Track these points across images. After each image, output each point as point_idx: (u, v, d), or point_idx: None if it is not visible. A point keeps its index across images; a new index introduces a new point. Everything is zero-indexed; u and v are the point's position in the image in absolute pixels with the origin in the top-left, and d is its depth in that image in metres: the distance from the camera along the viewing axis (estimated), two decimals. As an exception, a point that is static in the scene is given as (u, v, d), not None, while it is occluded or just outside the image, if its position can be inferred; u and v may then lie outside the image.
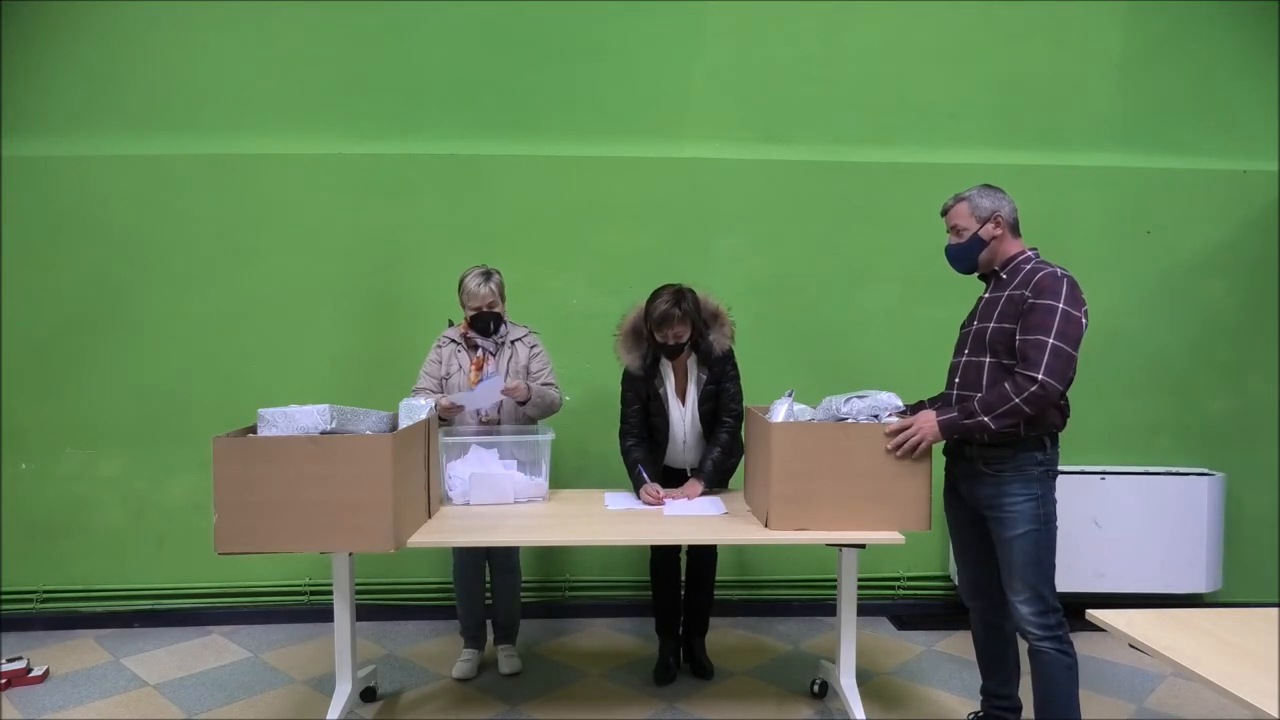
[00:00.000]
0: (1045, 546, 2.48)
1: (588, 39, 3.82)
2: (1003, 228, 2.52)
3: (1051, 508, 2.50)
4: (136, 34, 3.71)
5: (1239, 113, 3.94)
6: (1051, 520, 2.49)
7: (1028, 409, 2.34)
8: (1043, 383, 2.30)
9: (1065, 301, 2.33)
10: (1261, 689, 1.63)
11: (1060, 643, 2.43)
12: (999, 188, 2.56)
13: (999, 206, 2.52)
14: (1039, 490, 2.46)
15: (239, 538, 2.47)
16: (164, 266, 3.79)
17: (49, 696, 3.19)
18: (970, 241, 2.56)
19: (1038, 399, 2.32)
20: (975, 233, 2.54)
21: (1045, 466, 2.47)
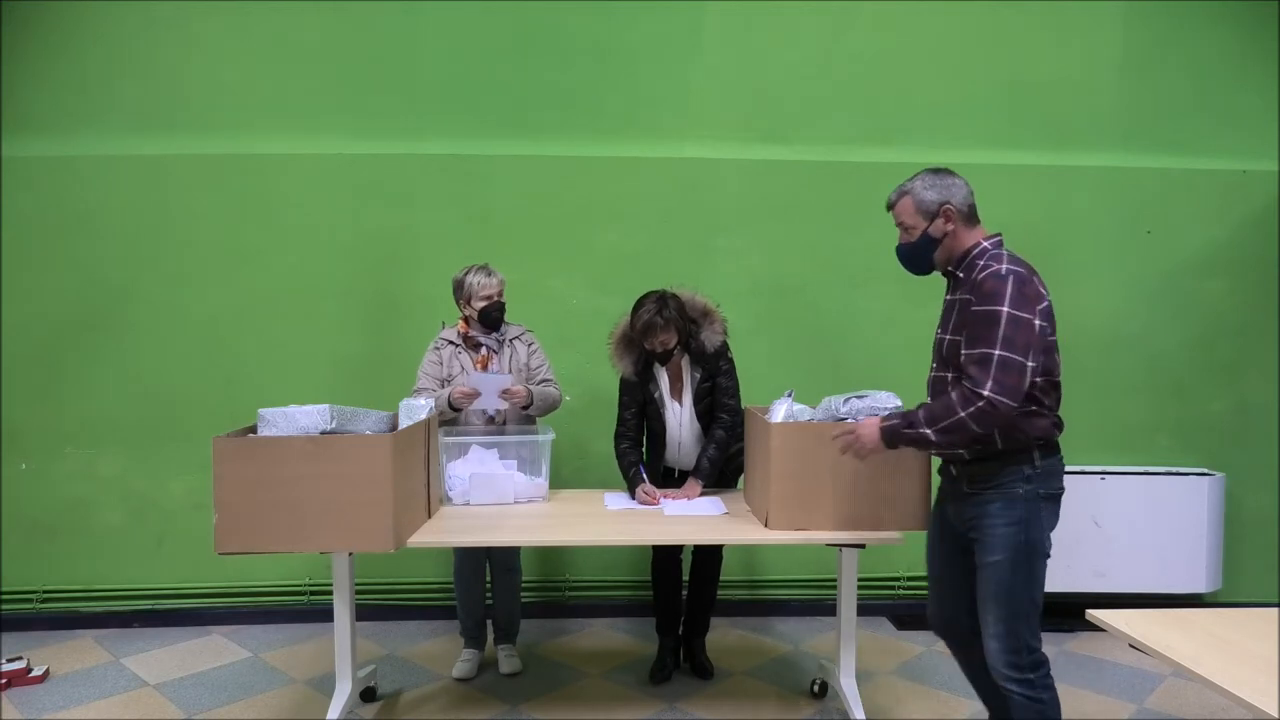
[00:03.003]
0: (1023, 578, 2.14)
1: (588, 39, 3.82)
2: (955, 220, 2.20)
3: (1037, 536, 2.15)
4: (136, 34, 3.71)
5: (1239, 113, 3.94)
6: (1035, 551, 2.15)
7: (975, 427, 2.06)
8: (990, 400, 2.02)
9: (1010, 304, 2.04)
10: (1261, 689, 1.63)
11: (1031, 688, 2.13)
12: (948, 170, 2.27)
13: (948, 196, 2.20)
14: (1022, 513, 2.14)
15: (239, 538, 2.47)
16: (164, 266, 3.79)
17: (49, 696, 3.19)
18: (920, 241, 2.26)
19: (985, 416, 2.05)
20: (925, 230, 2.24)
21: (1034, 485, 2.16)
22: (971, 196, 2.24)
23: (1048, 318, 2.13)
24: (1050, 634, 3.72)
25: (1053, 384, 2.20)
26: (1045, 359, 2.14)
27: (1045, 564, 2.18)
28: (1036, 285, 2.12)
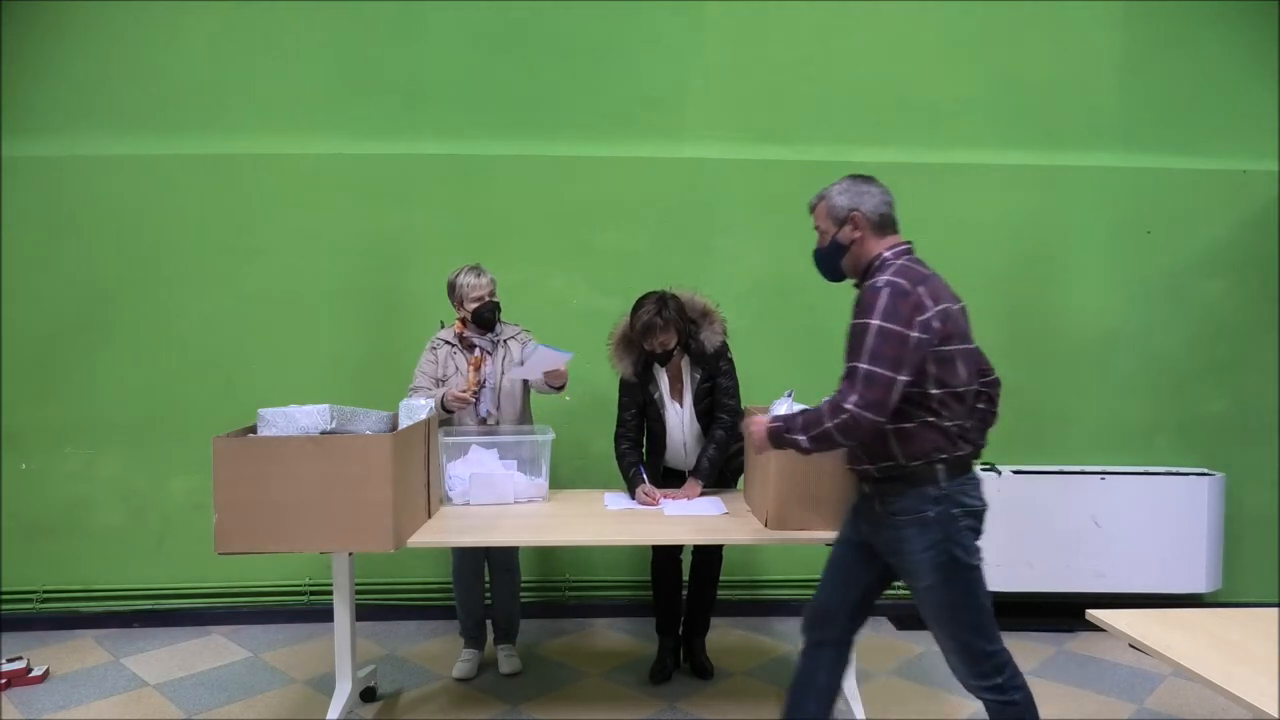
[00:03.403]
0: (959, 593, 2.13)
1: (588, 39, 3.82)
2: (862, 228, 2.17)
3: (958, 552, 2.10)
4: (136, 34, 3.71)
5: (1239, 113, 3.94)
6: (961, 565, 2.10)
7: (840, 437, 2.04)
8: (853, 414, 1.99)
9: (881, 316, 1.99)
10: (1261, 689, 1.63)
11: (1001, 692, 2.14)
12: (868, 179, 2.24)
13: (858, 203, 2.17)
14: (938, 535, 2.08)
15: (239, 538, 2.48)
16: (164, 266, 3.79)
17: (49, 696, 3.19)
18: (830, 246, 2.23)
19: (848, 429, 2.01)
20: (834, 236, 2.21)
21: (944, 506, 2.09)
22: (886, 206, 2.21)
23: (929, 329, 2.03)
24: (1050, 634, 3.76)
25: (955, 396, 2.10)
26: (939, 370, 2.06)
27: (978, 574, 2.14)
28: (918, 297, 2.03)
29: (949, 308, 2.09)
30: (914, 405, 2.07)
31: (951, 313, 2.09)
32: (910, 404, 2.07)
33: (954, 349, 2.09)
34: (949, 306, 2.09)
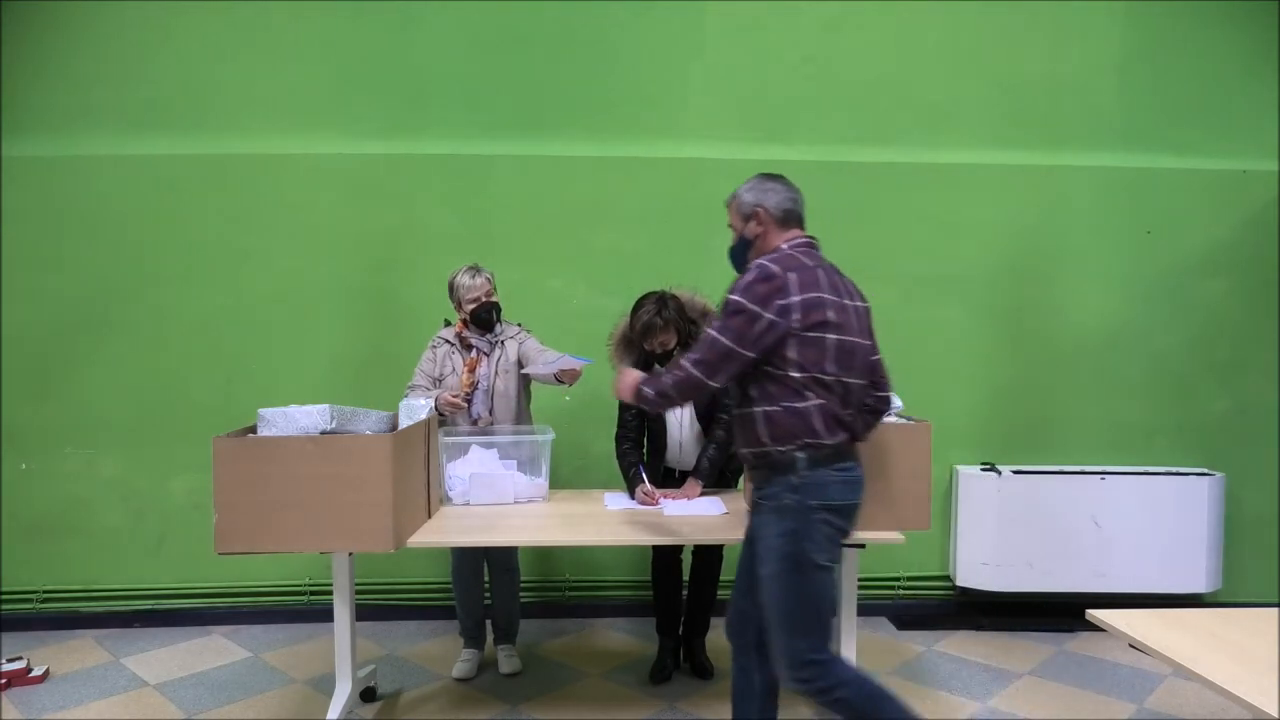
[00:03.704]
0: (797, 593, 2.12)
1: (588, 39, 3.82)
2: (766, 223, 2.25)
3: (808, 548, 2.10)
4: (136, 34, 3.71)
5: (1239, 113, 3.94)
6: (805, 563, 2.10)
7: (673, 391, 2.21)
8: (686, 371, 2.15)
9: (740, 292, 2.10)
10: (1261, 689, 1.63)
11: (823, 694, 2.13)
12: (776, 176, 2.31)
13: (762, 200, 2.25)
14: (792, 524, 2.10)
15: (239, 538, 2.48)
16: (164, 266, 3.78)
17: (49, 696, 3.19)
18: (738, 242, 2.32)
19: (679, 383, 2.18)
20: (742, 232, 2.30)
21: (801, 496, 2.10)
22: (790, 203, 2.27)
23: (786, 314, 2.08)
24: (1050, 634, 3.76)
25: (820, 382, 2.12)
26: (802, 354, 2.10)
27: (824, 576, 2.14)
28: (782, 282, 2.09)
29: (822, 298, 2.13)
30: (778, 386, 2.12)
31: (825, 304, 2.13)
32: (775, 384, 2.12)
33: (823, 336, 2.12)
34: (822, 297, 2.13)
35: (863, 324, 2.26)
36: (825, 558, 2.13)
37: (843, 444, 2.17)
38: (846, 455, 2.18)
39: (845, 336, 2.17)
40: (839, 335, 2.15)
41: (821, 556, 2.12)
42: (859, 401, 2.24)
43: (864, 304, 2.30)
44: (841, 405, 2.16)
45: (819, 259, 2.25)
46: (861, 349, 2.23)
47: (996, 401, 3.98)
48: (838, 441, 2.14)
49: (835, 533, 2.16)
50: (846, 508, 2.17)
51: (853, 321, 2.20)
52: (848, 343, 2.17)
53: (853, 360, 2.18)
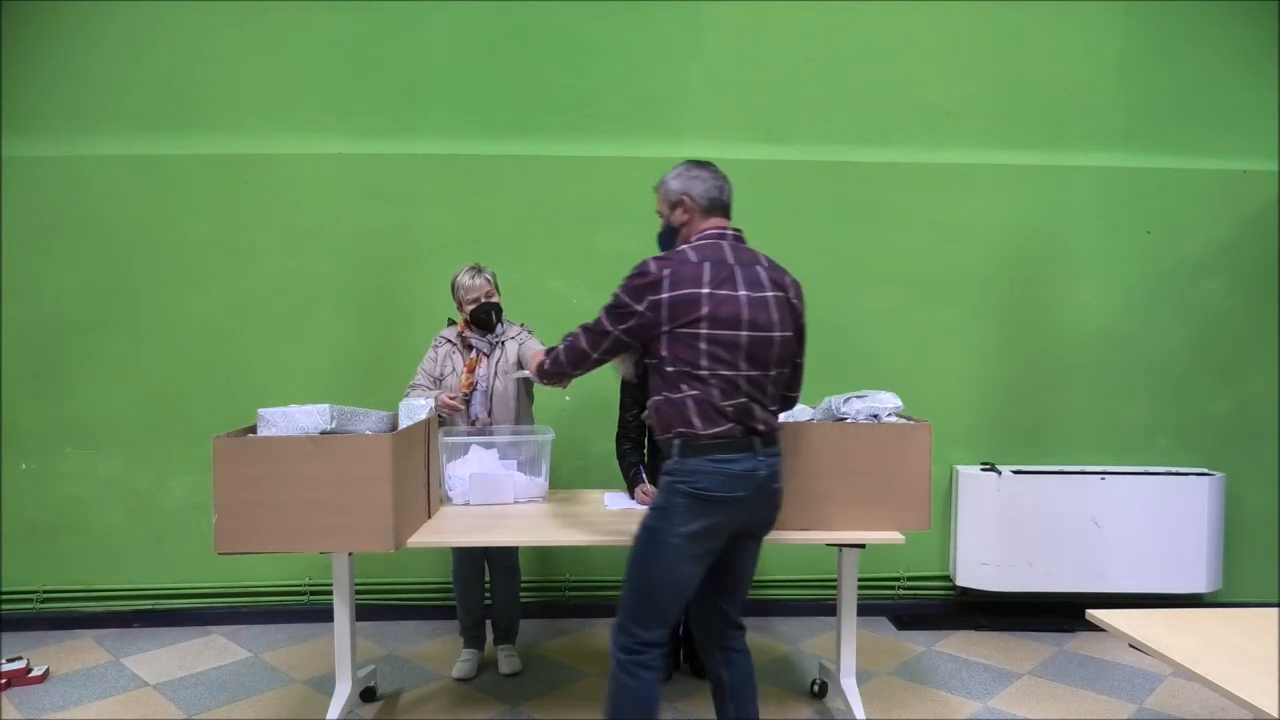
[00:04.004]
0: (639, 559, 2.18)
1: (588, 39, 3.82)
2: (691, 211, 2.28)
3: (665, 525, 2.15)
4: (136, 34, 3.71)
5: (1239, 113, 3.94)
6: (657, 538, 2.16)
7: (551, 365, 2.34)
8: (564, 347, 2.30)
9: (621, 284, 2.19)
10: (1261, 689, 1.63)
11: (620, 665, 2.19)
12: (703, 164, 2.33)
13: (688, 188, 2.28)
14: (662, 500, 2.18)
15: (239, 538, 2.47)
16: (164, 266, 3.79)
17: (49, 696, 3.19)
18: (665, 229, 2.36)
19: (556, 358, 2.32)
20: (668, 219, 2.34)
21: (674, 478, 2.16)
22: (716, 191, 2.29)
23: (657, 309, 2.13)
24: (1050, 634, 3.76)
25: (691, 374, 2.14)
26: (673, 350, 2.14)
27: (675, 561, 2.16)
28: (658, 278, 2.14)
29: (697, 294, 2.13)
30: (659, 378, 2.20)
31: (701, 300, 2.13)
32: (657, 376, 2.21)
33: (696, 332, 2.13)
34: (698, 293, 2.13)
35: (767, 316, 2.20)
36: (675, 537, 2.14)
37: (724, 435, 2.15)
38: (730, 448, 2.16)
39: (728, 331, 2.14)
40: (718, 330, 2.13)
41: (672, 536, 2.14)
42: (760, 391, 2.20)
43: (779, 294, 2.24)
44: (723, 397, 2.15)
45: (728, 250, 2.23)
46: (757, 341, 2.17)
47: (996, 401, 3.98)
48: (716, 432, 2.14)
49: (702, 523, 2.15)
50: (720, 499, 2.15)
51: (745, 314, 2.16)
52: (729, 336, 2.14)
53: (738, 354, 2.15)
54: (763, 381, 2.21)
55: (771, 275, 2.26)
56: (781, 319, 2.23)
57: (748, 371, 2.17)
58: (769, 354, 2.20)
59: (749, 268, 2.23)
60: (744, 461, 2.17)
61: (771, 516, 2.32)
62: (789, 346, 2.27)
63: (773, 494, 2.27)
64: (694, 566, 2.19)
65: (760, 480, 2.20)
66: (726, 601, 2.36)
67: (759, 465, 2.19)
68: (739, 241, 2.30)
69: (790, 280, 2.32)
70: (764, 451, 2.21)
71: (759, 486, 2.20)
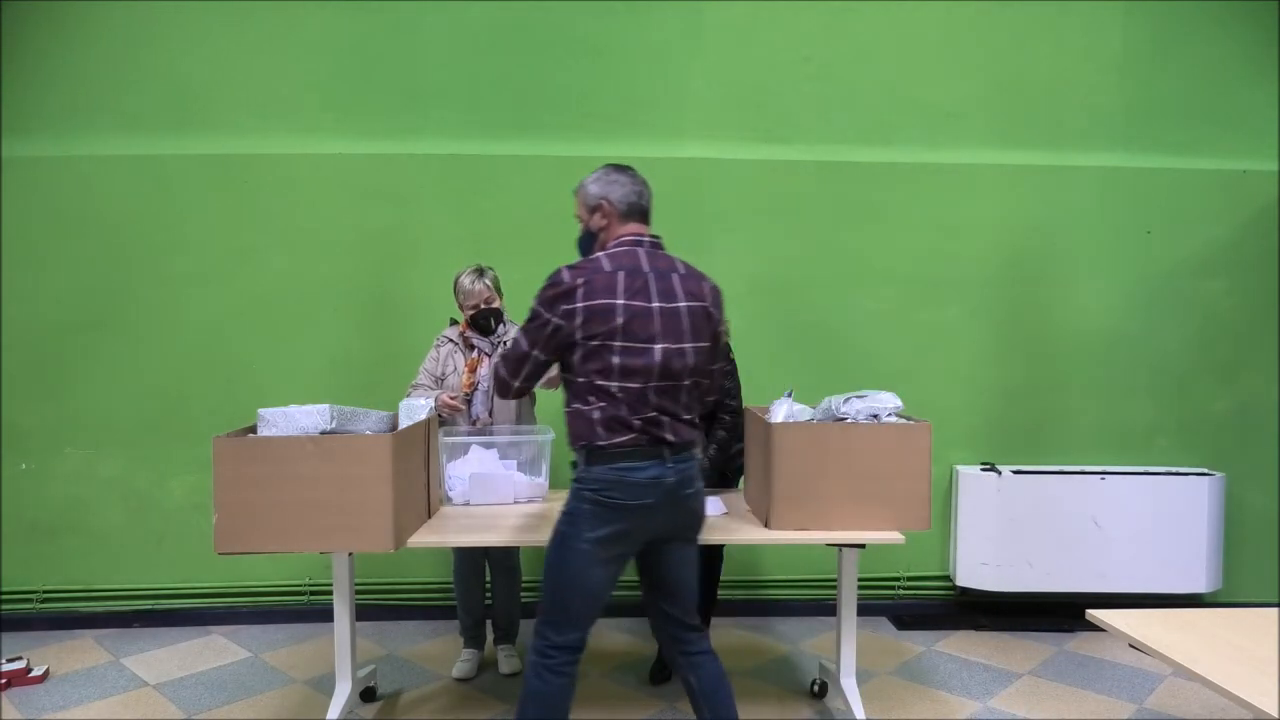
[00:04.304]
0: (551, 564, 2.21)
1: (588, 39, 3.82)
2: (610, 216, 2.25)
3: (572, 530, 2.17)
4: (136, 34, 3.71)
5: (1239, 113, 3.94)
6: (565, 542, 2.17)
7: (495, 386, 2.33)
8: (496, 366, 2.31)
9: (536, 296, 2.18)
10: (1261, 689, 1.63)
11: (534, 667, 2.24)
12: (623, 168, 2.31)
13: (607, 192, 2.25)
14: (570, 506, 2.19)
15: (239, 538, 2.47)
16: (164, 266, 3.79)
17: (49, 696, 3.19)
18: (584, 234, 2.33)
19: (495, 379, 2.31)
20: (587, 224, 2.31)
21: (581, 485, 2.17)
22: (635, 196, 2.26)
23: (571, 319, 2.12)
24: (1050, 634, 3.76)
25: (600, 388, 2.13)
26: (584, 361, 2.14)
27: (583, 565, 2.17)
28: (572, 288, 2.12)
29: (612, 305, 2.11)
30: (570, 390, 2.20)
31: (615, 311, 2.11)
32: (569, 388, 2.21)
33: (608, 344, 2.11)
34: (612, 304, 2.11)
35: (680, 327, 2.18)
36: (583, 542, 2.15)
37: (630, 444, 2.14)
38: (636, 456, 2.15)
39: (641, 344, 2.12)
40: (631, 343, 2.12)
41: (580, 542, 2.15)
42: (672, 401, 2.18)
43: (694, 303, 2.21)
44: (631, 411, 2.13)
45: (644, 258, 2.21)
46: (670, 353, 2.15)
47: (996, 401, 3.98)
48: (620, 441, 2.13)
49: (608, 529, 2.15)
50: (625, 507, 2.15)
51: (658, 327, 2.14)
52: (642, 349, 2.12)
53: (650, 368, 2.13)
54: (675, 392, 2.19)
55: (687, 285, 2.23)
56: (695, 329, 2.20)
57: (659, 383, 2.15)
58: (682, 365, 2.18)
59: (664, 277, 2.20)
60: (650, 469, 2.16)
61: (689, 521, 2.30)
62: (703, 356, 2.24)
63: (685, 499, 2.24)
64: (604, 571, 2.20)
65: (668, 487, 2.18)
66: (672, 606, 2.35)
67: (666, 473, 2.17)
68: (656, 248, 2.27)
69: (709, 287, 2.29)
70: (673, 459, 2.19)
71: (667, 493, 2.18)
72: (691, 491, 2.26)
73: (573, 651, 2.23)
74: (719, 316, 2.31)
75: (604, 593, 2.23)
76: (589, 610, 2.23)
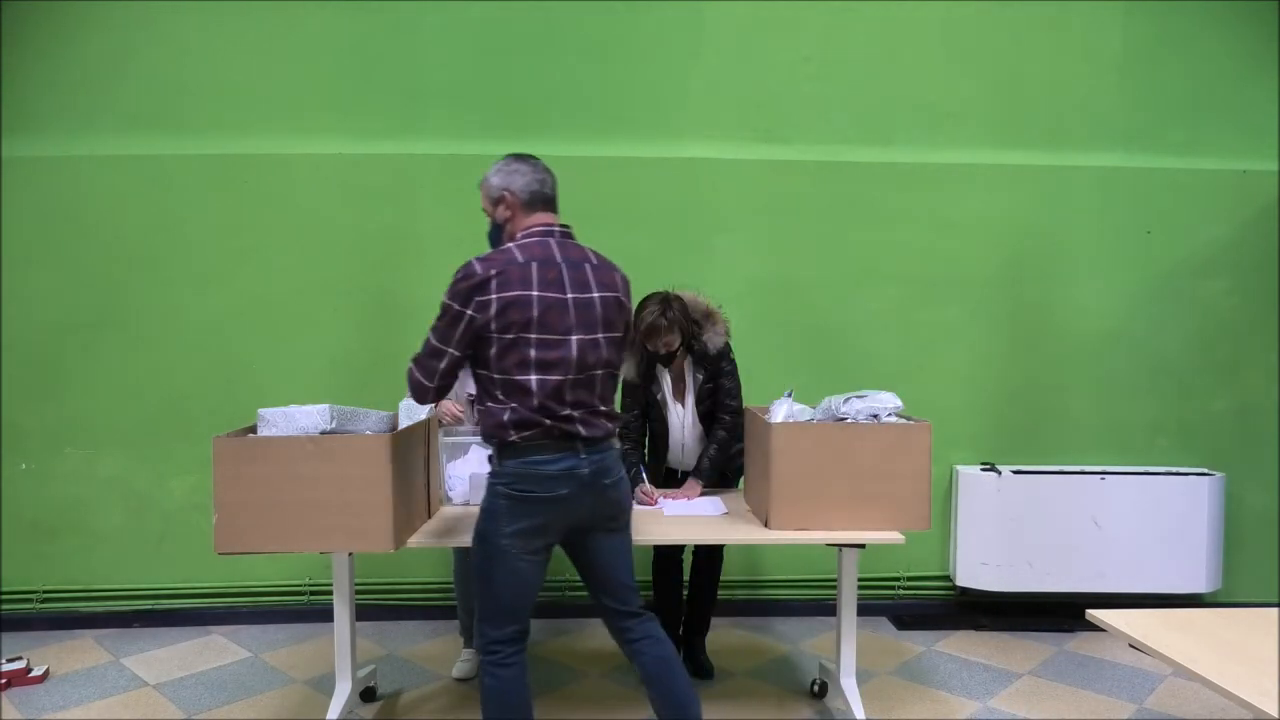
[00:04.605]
0: (479, 567, 2.22)
1: (587, 39, 3.82)
2: (513, 207, 2.25)
3: (491, 527, 2.18)
4: (136, 34, 3.71)
5: (1239, 113, 3.94)
6: (486, 539, 2.19)
7: (410, 385, 2.23)
8: (410, 368, 2.21)
9: (447, 290, 2.14)
10: (1261, 689, 1.63)
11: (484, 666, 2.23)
12: (524, 157, 2.33)
13: (509, 183, 2.25)
14: (488, 503, 2.20)
15: (239, 538, 2.47)
16: (164, 266, 3.78)
17: (49, 696, 3.19)
18: (492, 227, 2.32)
19: (409, 378, 2.22)
20: (493, 215, 2.30)
21: (498, 480, 2.18)
22: (538, 184, 2.26)
23: (485, 311, 2.10)
24: (1050, 634, 3.76)
25: (513, 383, 2.13)
26: (498, 357, 2.13)
27: (505, 562, 2.18)
28: (484, 280, 2.09)
29: (527, 296, 2.10)
30: (481, 386, 2.19)
31: (530, 302, 2.10)
32: (479, 384, 2.19)
33: (529, 337, 2.11)
34: (528, 295, 2.10)
35: (593, 318, 2.18)
36: (502, 539, 2.16)
37: (542, 437, 2.14)
38: (547, 449, 2.15)
39: (556, 337, 2.13)
40: (547, 335, 2.12)
41: (500, 538, 2.16)
42: (587, 393, 2.18)
43: (607, 294, 2.21)
44: (544, 405, 2.13)
45: (555, 248, 2.20)
46: (584, 345, 2.16)
47: (996, 401, 3.98)
48: (530, 435, 2.13)
49: (525, 523, 2.16)
50: (539, 499, 2.15)
51: (573, 319, 2.15)
52: (557, 342, 2.13)
53: (566, 361, 2.14)
54: (590, 384, 2.19)
55: (599, 275, 2.22)
56: (608, 320, 2.21)
57: (574, 376, 2.15)
58: (596, 357, 2.18)
59: (577, 267, 2.19)
60: (563, 461, 2.15)
61: (612, 511, 2.28)
62: (614, 347, 2.24)
63: (604, 490, 2.22)
64: (529, 563, 2.20)
65: (583, 478, 2.17)
66: (606, 596, 2.36)
67: (580, 464, 2.17)
68: (566, 238, 2.26)
69: (620, 278, 2.30)
70: (587, 451, 2.18)
71: (583, 484, 2.18)
72: (610, 481, 2.24)
73: (514, 643, 2.24)
74: (630, 306, 2.34)
75: (533, 584, 2.24)
76: (521, 602, 2.24)
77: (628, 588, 2.38)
